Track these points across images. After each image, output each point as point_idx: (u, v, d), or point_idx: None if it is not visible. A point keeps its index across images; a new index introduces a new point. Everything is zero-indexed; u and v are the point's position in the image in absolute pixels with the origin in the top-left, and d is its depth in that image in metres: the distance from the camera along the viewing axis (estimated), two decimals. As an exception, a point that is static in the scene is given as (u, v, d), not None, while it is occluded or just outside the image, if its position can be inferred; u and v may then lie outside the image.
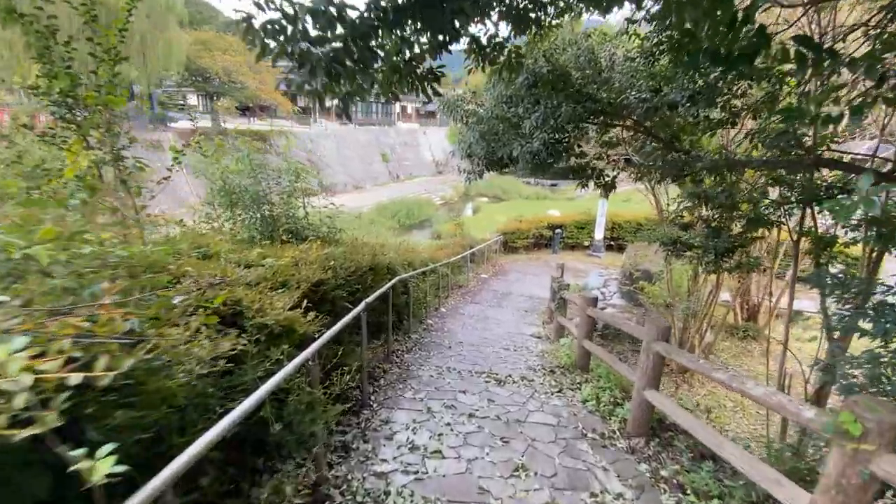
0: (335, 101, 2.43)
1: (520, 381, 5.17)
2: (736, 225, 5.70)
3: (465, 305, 10.34)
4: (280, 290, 2.95)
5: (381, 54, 2.53)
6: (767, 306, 11.68)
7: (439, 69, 2.68)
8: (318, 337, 2.72)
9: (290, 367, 2.21)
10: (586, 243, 17.92)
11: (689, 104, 4.36)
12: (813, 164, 3.45)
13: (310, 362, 2.52)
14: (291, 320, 2.56)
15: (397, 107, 56.72)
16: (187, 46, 31.53)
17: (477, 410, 4.22)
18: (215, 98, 35.21)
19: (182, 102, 42.52)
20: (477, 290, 11.96)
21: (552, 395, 4.85)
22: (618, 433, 4.05)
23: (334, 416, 2.83)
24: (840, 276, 3.92)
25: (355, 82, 2.11)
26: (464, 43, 3.31)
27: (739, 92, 4.39)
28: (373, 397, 4.28)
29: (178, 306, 1.73)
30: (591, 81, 4.94)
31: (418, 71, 2.63)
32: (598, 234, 16.89)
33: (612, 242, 18.09)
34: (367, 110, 51.87)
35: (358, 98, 2.37)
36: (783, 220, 5.33)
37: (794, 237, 5.38)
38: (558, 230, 17.33)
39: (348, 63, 2.04)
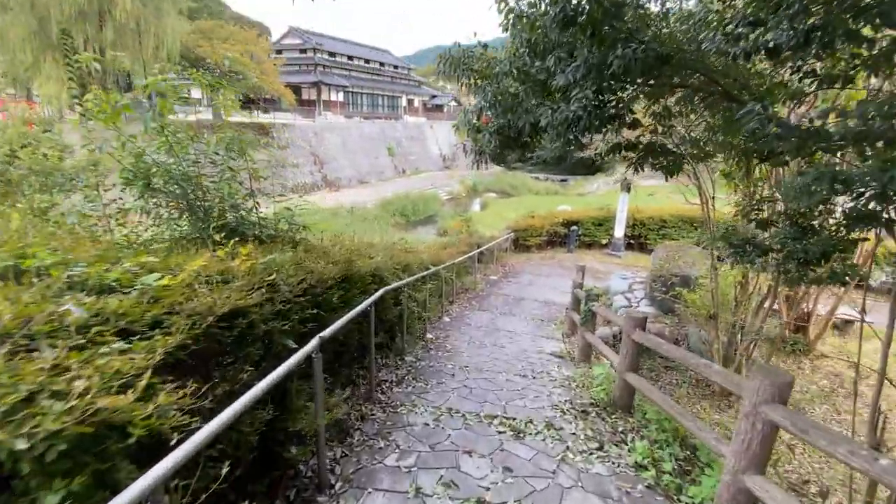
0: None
1: (545, 431, 3.84)
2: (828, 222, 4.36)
3: (471, 313, 9.02)
4: (143, 337, 1.65)
5: None
6: (818, 316, 10.24)
7: None
8: (182, 440, 1.40)
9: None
10: (604, 241, 16.46)
11: (800, 48, 3.00)
12: None
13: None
14: (117, 412, 1.25)
15: (404, 100, 55.45)
16: (186, 36, 30.48)
17: (489, 489, 2.90)
18: (214, 89, 34.00)
19: (185, 95, 41.56)
20: (485, 295, 10.62)
21: (591, 455, 3.52)
22: (698, 531, 2.72)
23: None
24: None
25: None
26: None
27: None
28: (339, 468, 2.98)
29: None
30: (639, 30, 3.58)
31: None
32: (619, 231, 15.43)
33: (632, 241, 16.63)
34: (373, 103, 50.65)
35: None
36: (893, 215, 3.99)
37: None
38: (574, 227, 15.87)
39: None
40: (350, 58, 49.50)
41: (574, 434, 3.86)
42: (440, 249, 10.15)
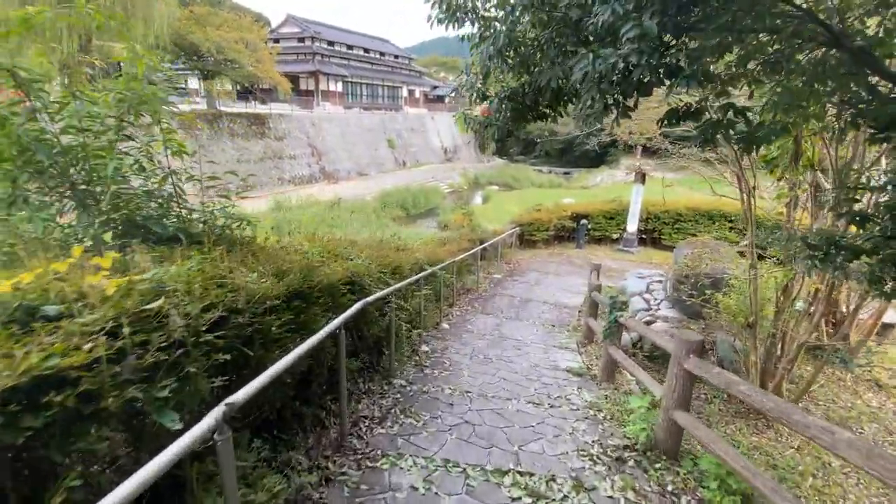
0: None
1: (573, 495, 2.88)
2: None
3: (474, 318, 8.05)
4: None
5: None
6: (859, 321, 9.24)
7: None
8: None
9: None
10: (615, 236, 15.41)
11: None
12: None
13: None
14: None
15: (404, 91, 54.19)
16: (178, 22, 29.34)
17: None
18: (208, 77, 33.00)
19: (183, 86, 40.45)
20: (489, 296, 9.64)
21: (640, 536, 2.56)
22: None
23: None
24: None
25: None
26: None
27: None
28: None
29: None
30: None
31: None
32: (632, 225, 14.37)
33: (644, 235, 15.54)
34: (373, 94, 49.43)
35: None
36: None
37: None
38: (583, 221, 14.80)
39: None
40: (349, 47, 48.24)
41: (611, 498, 2.90)
42: (438, 246, 9.16)
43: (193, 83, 38.21)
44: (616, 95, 2.57)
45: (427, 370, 5.00)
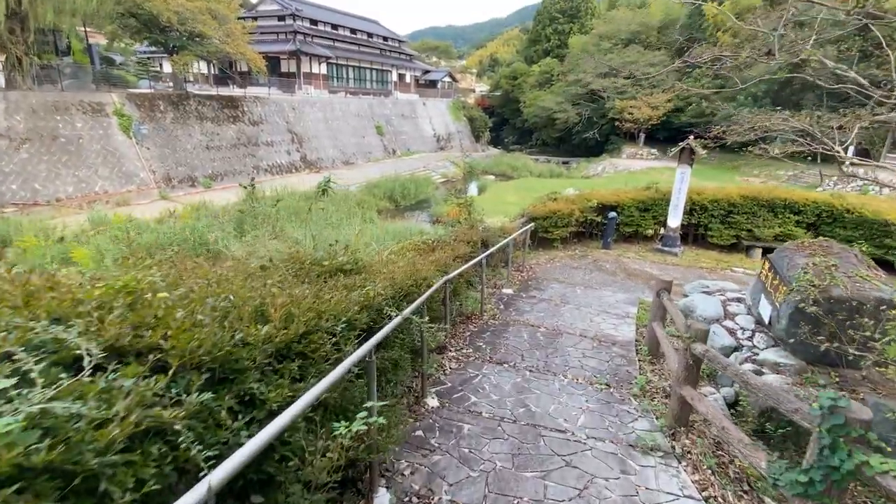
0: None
1: None
2: None
3: (479, 373, 4.94)
4: None
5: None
6: None
7: None
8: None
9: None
10: (648, 233, 12.26)
11: None
12: None
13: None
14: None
15: (394, 74, 50.60)
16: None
17: None
18: (173, 53, 29.42)
19: (157, 69, 36.84)
20: (498, 327, 6.52)
21: None
22: None
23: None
24: None
25: None
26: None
27: None
28: None
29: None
30: None
31: None
32: (674, 220, 11.25)
33: (683, 231, 12.33)
34: (360, 77, 45.91)
35: None
36: None
37: None
38: (612, 214, 11.59)
39: None
40: (334, 27, 44.63)
41: None
42: (423, 254, 5.96)
43: (169, 67, 34.67)
44: None
45: None
